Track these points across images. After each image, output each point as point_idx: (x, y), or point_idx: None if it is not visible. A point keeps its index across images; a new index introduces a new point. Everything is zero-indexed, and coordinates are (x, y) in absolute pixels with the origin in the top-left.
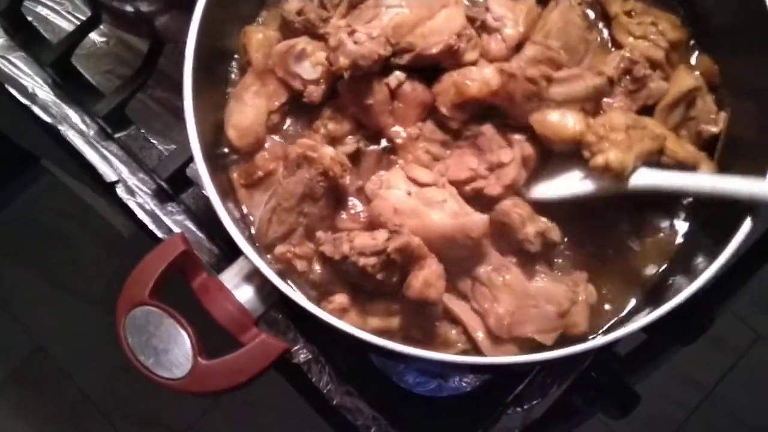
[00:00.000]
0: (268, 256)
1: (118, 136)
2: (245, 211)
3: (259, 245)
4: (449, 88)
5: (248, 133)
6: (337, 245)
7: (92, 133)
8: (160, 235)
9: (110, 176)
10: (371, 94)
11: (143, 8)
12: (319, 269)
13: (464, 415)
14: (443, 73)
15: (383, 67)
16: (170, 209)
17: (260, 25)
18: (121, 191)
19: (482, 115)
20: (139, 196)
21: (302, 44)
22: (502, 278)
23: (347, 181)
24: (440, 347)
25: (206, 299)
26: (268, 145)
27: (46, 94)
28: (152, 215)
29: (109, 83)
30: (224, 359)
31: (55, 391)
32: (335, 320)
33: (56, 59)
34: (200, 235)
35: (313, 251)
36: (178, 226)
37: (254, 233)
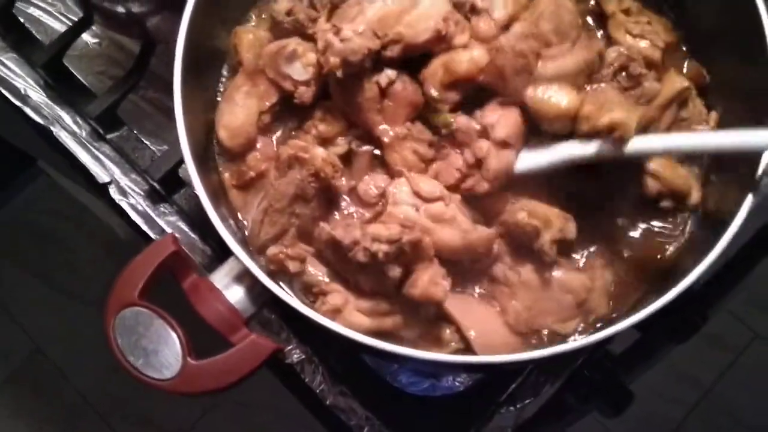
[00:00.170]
0: (260, 257)
1: (110, 137)
2: (238, 213)
3: (251, 247)
4: (437, 69)
5: (239, 133)
6: (348, 230)
7: (84, 134)
8: (152, 235)
9: (103, 177)
10: (361, 91)
11: (135, 9)
12: (312, 270)
13: (457, 414)
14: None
15: (374, 62)
16: (163, 210)
17: (251, 25)
18: (113, 192)
19: (474, 96)
20: (131, 197)
21: (293, 45)
22: (518, 276)
23: (341, 182)
24: (433, 347)
25: (196, 300)
26: (259, 145)
27: (38, 95)
28: (145, 216)
29: (101, 84)
30: (214, 359)
31: (53, 392)
32: (327, 321)
33: (48, 60)
34: (193, 236)
35: (305, 252)
36: (170, 227)
37: (246, 234)
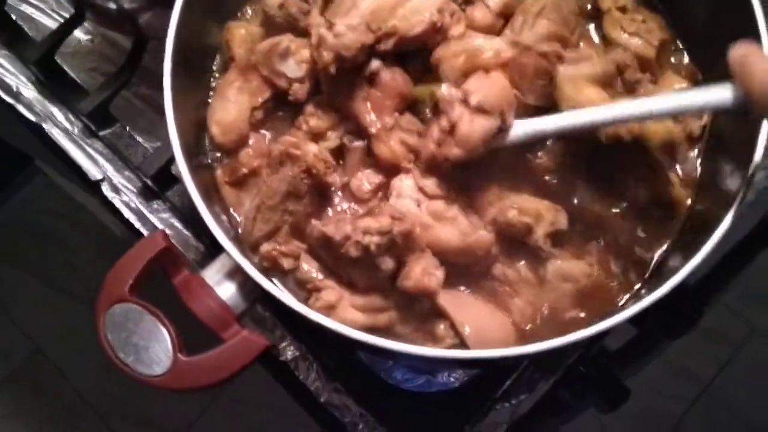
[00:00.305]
0: (254, 255)
1: (102, 133)
2: (231, 210)
3: (245, 244)
4: (458, 54)
5: (231, 129)
6: (339, 226)
7: (77, 131)
8: (145, 233)
9: (95, 174)
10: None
11: (126, 5)
12: (306, 266)
13: (452, 410)
14: (429, 58)
15: (368, 55)
16: (156, 207)
17: (243, 20)
18: (106, 189)
19: None
20: (124, 194)
21: (286, 42)
22: (517, 273)
23: (333, 178)
24: (428, 343)
25: (188, 296)
26: (252, 141)
27: (30, 92)
28: (138, 213)
29: (93, 81)
30: (205, 356)
31: (52, 393)
32: (320, 317)
33: (40, 57)
34: (186, 232)
35: (299, 249)
36: (163, 224)
37: (240, 232)
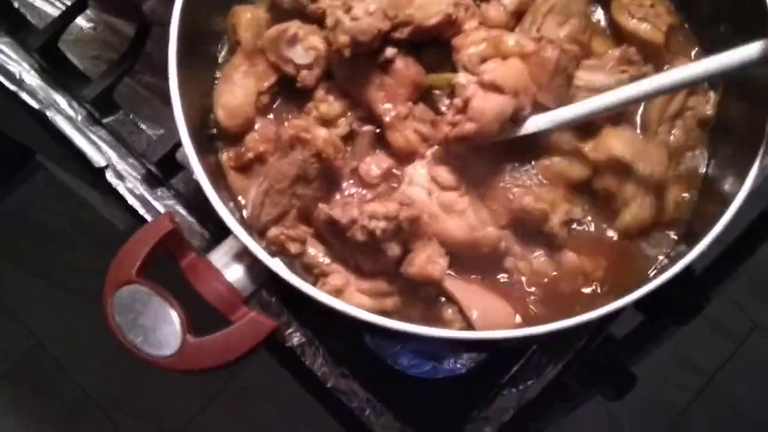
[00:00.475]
0: (261, 239)
1: (106, 121)
2: (237, 195)
3: (252, 228)
4: (478, 42)
5: (238, 113)
6: (346, 209)
7: (80, 118)
8: (150, 219)
9: (99, 161)
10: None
11: None
12: (313, 251)
13: (459, 396)
14: (443, 48)
15: (383, 42)
16: (160, 194)
17: (248, 4)
18: (110, 176)
19: None
20: (128, 181)
21: (294, 28)
22: (529, 266)
23: (342, 162)
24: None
25: (195, 279)
26: (258, 126)
27: (33, 79)
28: (142, 200)
29: (96, 68)
30: (213, 337)
31: (54, 388)
32: (328, 298)
33: (43, 44)
34: (191, 219)
35: (305, 233)
36: (168, 210)
37: (246, 216)
